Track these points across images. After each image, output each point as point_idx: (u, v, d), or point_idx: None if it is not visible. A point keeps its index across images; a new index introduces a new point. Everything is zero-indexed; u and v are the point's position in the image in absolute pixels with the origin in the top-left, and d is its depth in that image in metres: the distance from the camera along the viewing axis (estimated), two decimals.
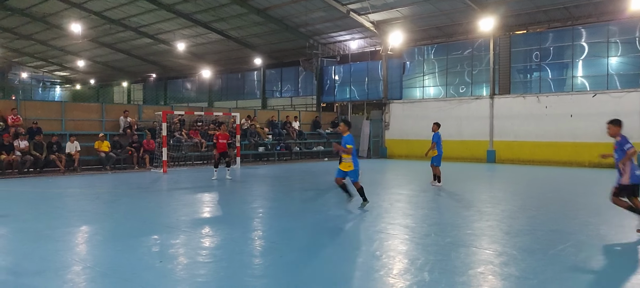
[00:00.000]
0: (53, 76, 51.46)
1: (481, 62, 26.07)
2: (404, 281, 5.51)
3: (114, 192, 13.60)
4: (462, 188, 14.53)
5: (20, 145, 17.66)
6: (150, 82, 45.37)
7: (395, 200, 12.06)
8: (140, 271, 5.89)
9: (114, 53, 39.95)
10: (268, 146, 26.15)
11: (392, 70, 29.22)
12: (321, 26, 29.06)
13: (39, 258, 6.45)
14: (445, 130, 26.12)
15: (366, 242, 7.37)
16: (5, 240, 7.67)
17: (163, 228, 8.42)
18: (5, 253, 6.86)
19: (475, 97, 25.80)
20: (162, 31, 33.43)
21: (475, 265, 6.21)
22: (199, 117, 23.97)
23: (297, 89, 35.51)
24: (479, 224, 8.86)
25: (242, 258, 6.57)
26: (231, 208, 11.31)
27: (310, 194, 13.47)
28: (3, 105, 19.42)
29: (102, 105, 22.33)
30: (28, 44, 40.38)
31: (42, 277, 5.65)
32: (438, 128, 15.24)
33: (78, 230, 8.52)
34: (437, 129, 15.19)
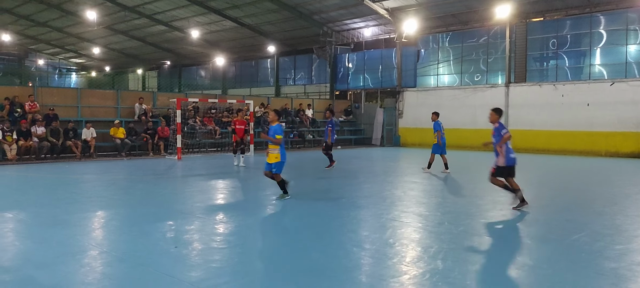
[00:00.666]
0: (69, 63, 51.96)
1: (497, 50, 25.79)
2: (417, 269, 5.52)
3: (130, 178, 13.75)
4: (475, 178, 14.45)
5: (38, 131, 17.90)
6: (164, 70, 45.61)
7: (408, 188, 12.04)
8: (155, 256, 5.96)
9: (128, 40, 40.18)
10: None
11: (406, 58, 29.03)
12: (335, 13, 28.91)
13: (56, 243, 6.56)
14: (460, 118, 26.13)
15: (379, 230, 7.38)
16: (23, 224, 7.81)
17: (178, 214, 8.51)
18: (24, 237, 6.98)
19: (491, 86, 25.56)
20: (177, 18, 33.52)
21: (488, 253, 6.19)
22: (213, 104, 24.07)
23: (311, 76, 35.47)
24: (493, 213, 8.82)
25: (256, 245, 6.64)
26: (245, 195, 11.39)
27: (323, 182, 13.49)
28: (20, 92, 19.67)
29: (118, 92, 22.52)
30: (44, 30, 40.76)
31: (59, 261, 5.75)
32: (437, 117, 15.47)
33: (94, 216, 8.65)
34: (436, 118, 15.42)
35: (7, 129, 17.20)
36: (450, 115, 26.48)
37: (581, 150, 22.32)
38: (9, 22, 39.22)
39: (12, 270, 5.44)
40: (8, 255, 5.99)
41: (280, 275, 5.37)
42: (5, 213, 8.46)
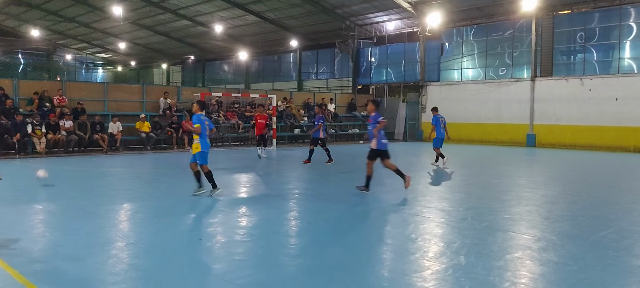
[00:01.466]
0: (95, 58, 52.87)
1: (522, 44, 25.38)
2: (440, 264, 5.50)
3: (155, 172, 13.98)
4: (500, 173, 14.30)
5: (66, 125, 18.31)
6: (188, 64, 46.07)
7: (431, 183, 11.97)
8: (181, 248, 6.07)
9: (153, 35, 40.70)
10: (303, 128, 26.27)
11: (429, 51, 28.78)
12: (358, 7, 28.80)
13: (85, 234, 6.72)
14: (484, 113, 25.84)
15: (401, 225, 7.37)
16: (53, 216, 8.02)
17: (202, 207, 8.63)
18: (53, 229, 7.17)
19: (516, 80, 25.19)
20: (200, 13, 33.81)
21: (512, 249, 6.13)
22: (236, 98, 24.26)
23: (333, 71, 35.43)
24: (517, 209, 8.72)
25: (279, 238, 6.68)
26: (267, 189, 11.47)
27: (346, 176, 13.51)
28: (49, 87, 20.13)
29: (143, 86, 22.88)
30: (72, 26, 41.55)
31: (88, 252, 5.90)
32: (437, 112, 15.95)
33: (121, 208, 8.83)
34: (435, 113, 15.87)
35: (37, 123, 17.62)
36: (474, 109, 26.26)
37: (609, 146, 21.87)
38: (38, 18, 40.08)
39: (43, 261, 5.60)
40: (38, 246, 6.17)
41: (303, 268, 5.42)
42: (35, 205, 8.70)
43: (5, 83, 18.89)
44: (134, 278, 5.02)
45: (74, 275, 5.08)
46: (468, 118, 26.54)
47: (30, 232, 6.81)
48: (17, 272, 5.06)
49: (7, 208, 8.09)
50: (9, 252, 5.82)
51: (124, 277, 5.08)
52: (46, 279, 4.94)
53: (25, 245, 6.13)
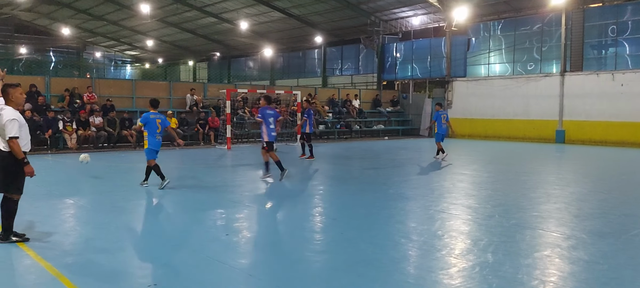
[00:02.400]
0: (124, 55, 53.81)
1: (551, 38, 24.87)
2: (467, 261, 5.44)
3: (182, 167, 14.16)
4: (528, 169, 14.06)
5: (95, 121, 18.68)
6: (214, 61, 46.51)
7: (457, 180, 11.85)
8: (207, 242, 6.14)
9: (180, 32, 41.19)
10: (328, 124, 26.27)
11: (456, 47, 28.44)
12: (383, 2, 28.61)
13: (115, 228, 6.86)
14: (512, 108, 25.45)
15: (427, 222, 7.32)
16: (84, 210, 8.20)
17: (228, 203, 8.72)
18: (84, 223, 7.34)
19: (545, 75, 24.71)
20: (226, 10, 34.06)
21: (541, 247, 6.03)
22: (261, 95, 24.35)
23: (358, 66, 35.32)
24: (546, 206, 8.57)
25: (304, 234, 6.71)
26: (292, 185, 11.51)
27: (370, 173, 13.47)
28: (79, 84, 20.55)
29: (170, 83, 23.17)
30: (101, 24, 42.35)
31: (118, 245, 6.02)
32: (440, 107, 16.84)
33: (149, 203, 8.98)
34: (438, 109, 16.67)
35: (68, 119, 18.03)
36: (501, 105, 25.87)
37: None
38: (68, 16, 40.97)
39: (75, 254, 5.74)
40: (70, 240, 6.32)
41: (328, 264, 5.43)
42: (66, 200, 8.91)
43: (38, 80, 19.37)
44: (162, 272, 5.11)
45: (104, 268, 5.19)
46: (495, 114, 26.16)
47: (62, 226, 6.99)
48: (50, 264, 5.20)
49: (40, 202, 8.31)
50: (42, 245, 5.98)
51: (152, 270, 5.17)
52: (78, 272, 5.06)
53: (58, 239, 6.29)
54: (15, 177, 5.92)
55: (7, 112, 5.78)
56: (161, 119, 10.14)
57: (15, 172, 5.89)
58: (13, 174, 5.90)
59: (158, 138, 10.06)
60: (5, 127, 5.71)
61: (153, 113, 10.09)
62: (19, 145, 5.76)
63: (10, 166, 5.84)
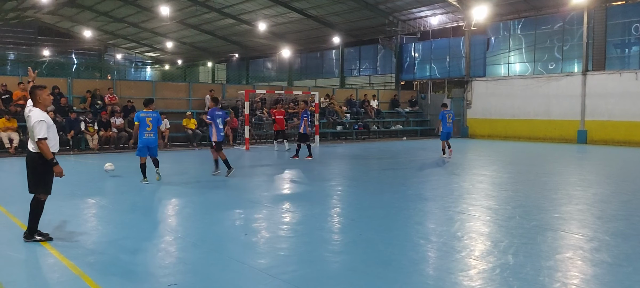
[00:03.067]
0: (144, 57, 54.48)
1: (573, 37, 24.50)
2: (487, 263, 5.39)
3: (201, 168, 14.28)
4: (549, 170, 13.86)
5: (116, 122, 18.94)
6: (233, 62, 46.81)
7: (477, 181, 11.74)
8: (226, 242, 6.18)
9: (199, 34, 41.55)
10: (346, 125, 26.25)
11: (475, 46, 28.19)
12: (401, 2, 28.50)
13: (136, 228, 6.95)
14: (532, 108, 25.13)
15: (447, 223, 7.26)
16: (106, 210, 8.32)
17: (246, 203, 8.76)
18: (106, 222, 7.44)
19: (566, 74, 24.35)
20: (244, 11, 34.26)
21: (563, 249, 5.94)
22: (280, 96, 24.48)
23: (376, 67, 35.23)
24: (568, 208, 8.44)
25: (322, 234, 6.71)
26: (310, 185, 11.53)
27: (389, 173, 13.42)
28: (101, 85, 20.87)
29: (189, 84, 23.40)
30: (122, 26, 42.95)
31: (139, 245, 6.10)
32: (446, 107, 17.51)
33: (169, 203, 9.08)
34: (444, 109, 17.30)
35: (90, 120, 18.31)
36: (521, 105, 25.58)
37: None
38: (90, 19, 41.65)
39: (97, 253, 5.83)
40: (92, 239, 6.42)
41: (347, 265, 5.42)
42: (88, 200, 9.05)
43: (60, 82, 19.71)
44: (182, 272, 5.15)
45: (125, 268, 5.27)
46: (515, 114, 25.87)
47: (85, 226, 7.10)
48: (73, 263, 5.29)
49: (63, 202, 8.45)
50: (65, 244, 6.08)
51: (173, 270, 5.22)
52: (100, 271, 5.13)
53: (80, 238, 6.40)
54: (43, 178, 6.04)
55: (35, 114, 5.91)
56: (152, 116, 10.74)
57: (43, 173, 6.02)
58: (41, 175, 6.02)
59: (148, 135, 10.71)
60: (33, 129, 5.85)
61: (144, 111, 10.76)
62: (47, 146, 5.88)
63: (39, 167, 5.98)
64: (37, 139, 5.84)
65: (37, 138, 5.83)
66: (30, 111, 5.99)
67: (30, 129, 5.94)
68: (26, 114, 6.06)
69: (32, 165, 6.00)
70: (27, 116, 6.00)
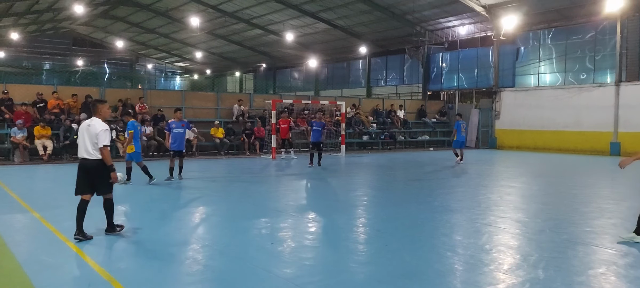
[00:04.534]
0: (174, 67, 55.48)
1: (605, 47, 23.98)
2: (516, 277, 5.29)
3: (228, 177, 14.43)
4: (580, 183, 13.56)
5: (146, 130, 19.28)
6: (260, 72, 47.26)
7: (505, 193, 11.56)
8: (253, 251, 6.23)
9: (227, 44, 42.13)
10: (372, 135, 26.18)
11: (504, 56, 27.84)
12: (429, 12, 28.39)
13: (163, 235, 7.06)
14: (562, 119, 24.66)
15: (474, 235, 7.16)
16: (134, 218, 8.47)
17: (273, 212, 8.81)
18: (134, 229, 7.56)
19: (598, 85, 23.82)
20: (272, 22, 34.62)
21: (595, 264, 5.80)
22: (306, 105, 24.58)
23: (403, 77, 35.09)
24: (600, 221, 8.24)
25: (348, 245, 6.70)
26: (336, 195, 11.53)
27: (415, 184, 13.32)
28: (132, 94, 21.32)
29: (217, 94, 23.72)
30: (152, 37, 43.88)
31: (167, 252, 6.19)
32: (460, 118, 18.89)
33: (196, 211, 9.19)
34: (458, 119, 18.73)
35: (121, 129, 18.69)
36: (552, 116, 25.12)
37: None
38: (122, 30, 42.69)
39: (126, 259, 5.95)
40: (121, 246, 6.54)
41: (372, 276, 5.39)
42: (118, 206, 9.18)
43: (93, 91, 20.21)
44: (209, 279, 5.21)
45: (153, 274, 5.35)
46: (545, 125, 25.41)
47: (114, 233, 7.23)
48: (103, 269, 5.40)
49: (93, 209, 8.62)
50: (94, 249, 6.22)
51: (200, 277, 5.28)
52: (129, 277, 5.23)
53: (110, 245, 6.53)
54: (107, 180, 6.69)
55: (98, 124, 6.57)
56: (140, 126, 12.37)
57: (106, 176, 6.66)
58: (106, 177, 6.66)
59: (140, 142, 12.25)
60: (98, 137, 6.49)
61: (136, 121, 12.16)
62: (109, 153, 6.61)
63: (102, 170, 6.62)
64: (102, 145, 6.50)
65: (102, 144, 6.49)
66: (90, 121, 6.62)
67: (90, 138, 6.51)
68: (86, 124, 6.66)
69: (97, 170, 6.60)
70: (88, 126, 6.58)
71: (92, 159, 6.56)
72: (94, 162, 6.56)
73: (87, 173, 6.61)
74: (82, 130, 6.68)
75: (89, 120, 6.73)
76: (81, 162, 6.67)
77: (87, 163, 6.59)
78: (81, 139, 6.62)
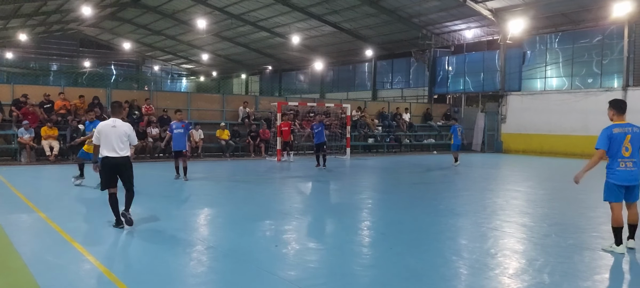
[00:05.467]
0: (180, 69, 55.65)
1: (613, 51, 23.85)
2: (521, 282, 5.26)
3: (233, 178, 14.44)
4: (586, 187, 13.45)
5: (152, 132, 19.35)
6: (266, 74, 47.33)
7: (511, 197, 11.51)
8: (257, 253, 6.22)
9: (234, 46, 42.22)
10: (377, 138, 26.14)
11: (510, 60, 27.74)
12: (435, 16, 28.34)
13: (168, 237, 7.07)
14: (569, 124, 24.54)
15: (479, 239, 7.13)
16: (139, 219, 8.47)
17: (277, 214, 8.81)
18: (139, 230, 7.59)
19: (605, 89, 23.69)
20: (279, 25, 34.67)
21: (602, 270, 5.76)
22: (312, 108, 24.58)
23: (409, 80, 35.04)
24: (607, 226, 8.14)
25: (352, 248, 6.68)
26: (341, 198, 11.51)
27: (420, 187, 13.29)
28: (138, 96, 21.40)
29: (223, 96, 23.77)
30: (159, 39, 44.02)
31: (171, 253, 6.20)
32: (456, 122, 20.41)
33: (201, 212, 9.20)
34: (454, 123, 20.11)
35: None
36: (558, 120, 25.01)
37: None
38: (129, 31, 42.88)
39: (131, 259, 5.96)
40: (127, 246, 6.56)
41: (377, 279, 5.38)
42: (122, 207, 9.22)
43: (100, 92, 20.30)
44: (214, 281, 5.21)
45: (158, 275, 5.36)
46: (551, 129, 25.29)
47: (119, 233, 7.26)
48: (108, 269, 5.41)
49: (99, 209, 8.67)
50: (99, 250, 6.24)
51: (204, 279, 5.29)
52: (133, 278, 5.24)
53: (114, 245, 6.55)
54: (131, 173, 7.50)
55: (123, 124, 7.35)
56: None
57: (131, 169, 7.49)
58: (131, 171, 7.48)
59: None
60: (129, 136, 7.34)
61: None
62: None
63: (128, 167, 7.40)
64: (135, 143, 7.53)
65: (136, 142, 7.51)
66: (114, 122, 7.28)
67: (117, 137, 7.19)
68: (111, 125, 7.24)
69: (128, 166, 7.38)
70: (113, 127, 7.21)
71: (127, 156, 7.32)
72: (128, 158, 7.36)
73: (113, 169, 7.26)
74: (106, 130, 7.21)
75: (112, 120, 7.31)
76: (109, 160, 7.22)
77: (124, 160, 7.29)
78: (106, 138, 7.17)
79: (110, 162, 7.21)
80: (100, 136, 7.25)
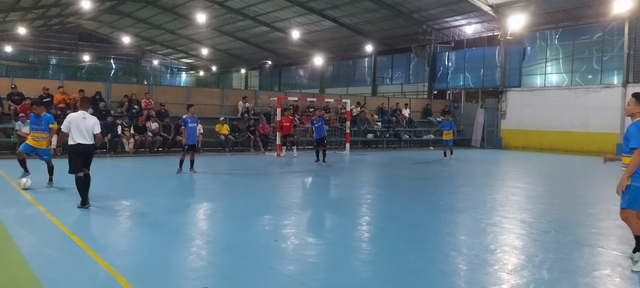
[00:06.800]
0: (179, 63, 55.57)
1: (613, 47, 23.82)
2: (520, 278, 5.26)
3: (233, 173, 14.44)
4: (586, 184, 13.49)
5: (152, 126, 19.33)
6: (266, 69, 47.26)
7: (510, 193, 11.51)
8: (256, 248, 6.22)
9: (233, 41, 42.15)
10: (377, 133, 26.14)
11: (510, 56, 27.71)
12: (436, 11, 28.28)
13: (168, 231, 7.06)
14: (569, 120, 24.54)
15: (479, 235, 7.13)
16: (139, 213, 8.48)
17: (276, 209, 8.81)
18: (139, 225, 7.59)
19: (605, 86, 23.68)
20: (279, 19, 34.60)
21: (601, 266, 5.76)
22: (311, 103, 24.56)
23: (408, 75, 35.00)
24: (606, 223, 8.18)
25: (351, 243, 6.68)
26: (340, 193, 11.51)
27: (420, 183, 13.29)
28: (137, 90, 21.37)
29: (222, 90, 23.73)
30: (158, 33, 43.94)
31: (171, 248, 6.19)
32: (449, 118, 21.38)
33: (201, 207, 9.20)
34: (448, 119, 21.06)
35: (126, 124, 18.75)
36: (558, 116, 25.00)
37: None
38: (128, 25, 42.77)
39: (130, 254, 5.95)
40: (125, 241, 6.56)
41: (376, 274, 5.38)
42: (123, 202, 9.24)
43: (99, 86, 20.27)
44: (213, 276, 5.21)
45: (158, 270, 5.35)
46: (551, 126, 25.30)
47: (119, 227, 7.26)
48: (108, 264, 5.40)
49: (98, 203, 8.66)
50: (99, 245, 6.23)
51: (204, 273, 5.28)
52: (133, 272, 5.23)
53: (114, 240, 6.54)
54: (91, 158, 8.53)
55: (91, 116, 8.43)
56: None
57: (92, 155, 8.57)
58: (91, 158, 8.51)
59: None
60: (94, 127, 8.29)
61: None
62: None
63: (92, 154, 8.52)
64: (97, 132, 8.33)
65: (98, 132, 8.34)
66: (84, 114, 8.32)
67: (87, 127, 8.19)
68: (81, 116, 8.25)
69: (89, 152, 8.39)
70: (83, 118, 8.23)
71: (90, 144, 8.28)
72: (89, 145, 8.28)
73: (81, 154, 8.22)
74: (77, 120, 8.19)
75: (82, 113, 8.37)
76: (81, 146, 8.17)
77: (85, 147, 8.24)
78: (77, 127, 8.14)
79: (81, 147, 8.17)
80: (70, 125, 8.17)
